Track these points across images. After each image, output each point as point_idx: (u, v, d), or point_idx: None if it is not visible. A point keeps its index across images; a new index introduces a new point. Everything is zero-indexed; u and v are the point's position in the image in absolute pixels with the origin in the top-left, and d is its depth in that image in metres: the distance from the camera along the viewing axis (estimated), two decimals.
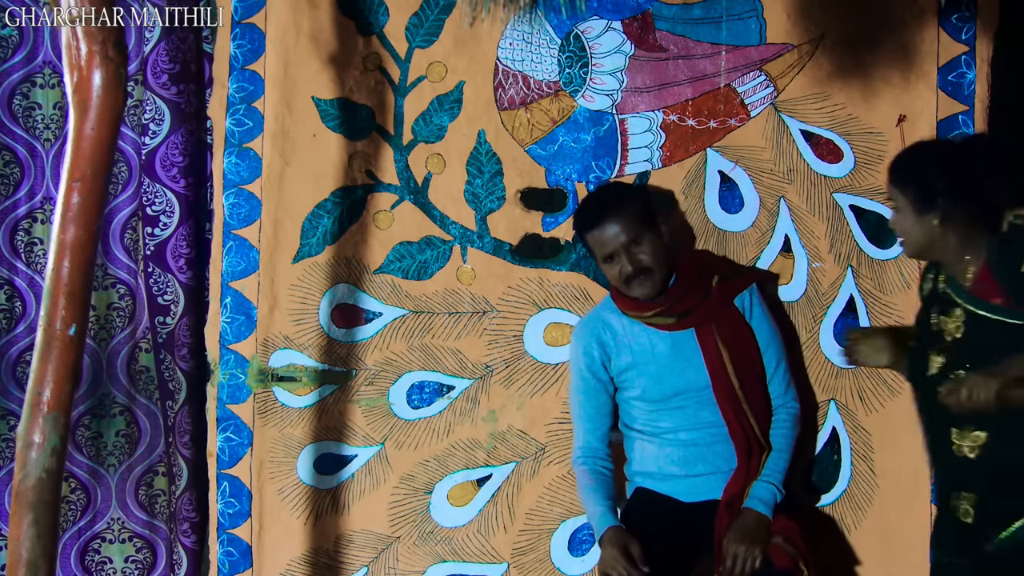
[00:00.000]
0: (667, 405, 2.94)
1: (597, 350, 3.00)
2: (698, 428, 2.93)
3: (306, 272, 3.24)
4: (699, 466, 2.94)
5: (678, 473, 2.96)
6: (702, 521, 2.89)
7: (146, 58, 3.34)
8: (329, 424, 3.27)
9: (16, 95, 3.45)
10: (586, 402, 3.02)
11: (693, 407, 2.93)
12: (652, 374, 2.94)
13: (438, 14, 3.20)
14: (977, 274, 2.64)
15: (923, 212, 2.62)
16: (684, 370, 2.92)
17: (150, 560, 3.56)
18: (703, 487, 2.94)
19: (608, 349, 2.99)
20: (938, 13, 3.08)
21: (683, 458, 2.95)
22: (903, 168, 2.68)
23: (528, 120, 3.21)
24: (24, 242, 3.50)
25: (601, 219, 2.88)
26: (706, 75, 3.16)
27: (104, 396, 3.51)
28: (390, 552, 3.29)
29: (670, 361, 2.93)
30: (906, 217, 2.66)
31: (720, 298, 2.95)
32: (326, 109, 3.22)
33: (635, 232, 2.87)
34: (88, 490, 3.53)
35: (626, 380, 2.99)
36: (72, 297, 2.29)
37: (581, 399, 3.03)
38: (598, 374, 3.00)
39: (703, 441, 2.93)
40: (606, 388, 3.02)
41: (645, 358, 2.95)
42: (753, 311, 2.98)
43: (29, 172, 3.48)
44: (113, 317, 3.50)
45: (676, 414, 2.94)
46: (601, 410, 3.02)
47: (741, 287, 2.98)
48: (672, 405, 2.94)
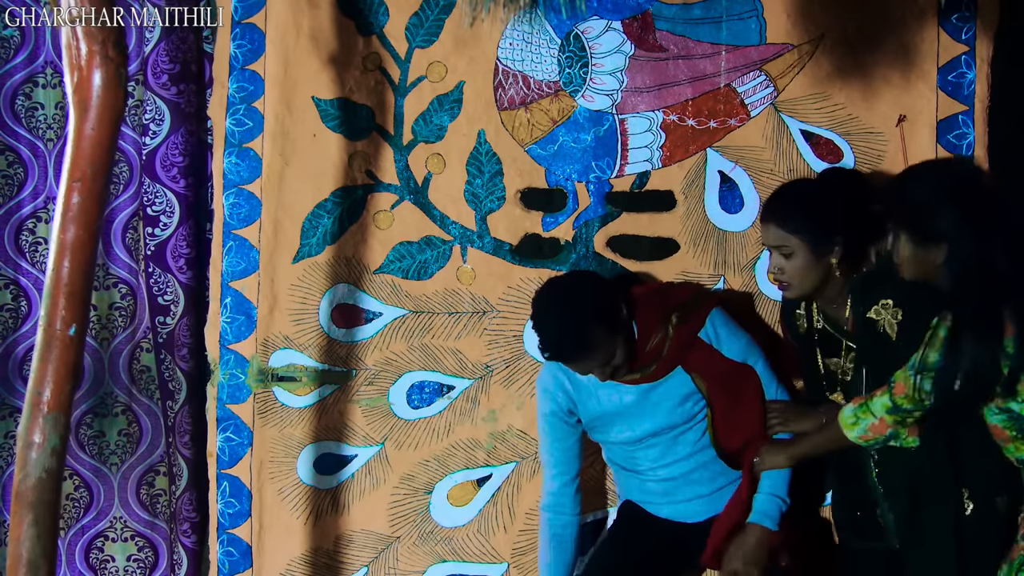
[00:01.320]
0: (641, 445, 2.95)
1: (563, 397, 2.98)
2: (675, 462, 2.94)
3: (306, 272, 3.25)
4: (680, 494, 2.96)
5: (661, 501, 2.99)
6: (687, 539, 2.94)
7: (146, 58, 3.34)
8: (329, 424, 3.27)
9: (19, 95, 3.46)
10: (554, 446, 3.01)
11: (667, 444, 2.93)
12: (622, 423, 2.94)
13: (438, 14, 3.20)
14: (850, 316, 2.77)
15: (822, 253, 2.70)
16: (653, 415, 2.91)
17: (152, 560, 3.56)
18: (687, 511, 2.97)
19: (573, 398, 2.97)
20: (938, 13, 3.07)
21: (664, 490, 2.97)
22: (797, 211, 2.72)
23: (528, 120, 3.21)
24: (29, 242, 3.51)
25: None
26: (706, 75, 3.16)
27: (106, 395, 3.51)
28: (390, 552, 3.29)
29: (639, 409, 2.92)
30: (799, 260, 2.72)
31: (680, 344, 2.88)
32: (326, 109, 3.22)
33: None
34: (91, 488, 3.54)
35: (596, 428, 2.99)
36: (72, 297, 2.29)
37: (549, 443, 3.01)
38: (565, 418, 2.99)
39: (680, 473, 2.94)
40: (574, 431, 3.00)
41: (613, 408, 2.93)
42: (720, 337, 2.91)
43: (32, 172, 3.49)
44: (115, 317, 3.50)
45: (651, 451, 2.94)
46: (569, 453, 3.01)
47: (699, 323, 2.90)
48: (646, 444, 2.94)
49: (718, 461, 2.92)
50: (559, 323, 2.77)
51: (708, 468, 2.93)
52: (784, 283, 2.79)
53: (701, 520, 2.94)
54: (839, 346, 2.82)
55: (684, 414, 2.89)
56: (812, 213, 2.73)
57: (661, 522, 2.98)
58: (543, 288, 2.88)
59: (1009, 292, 2.45)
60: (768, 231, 2.78)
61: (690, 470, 2.93)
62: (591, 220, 3.21)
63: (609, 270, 3.19)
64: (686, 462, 2.93)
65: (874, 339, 2.71)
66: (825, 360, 2.86)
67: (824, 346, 2.86)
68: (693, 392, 2.89)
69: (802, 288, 2.78)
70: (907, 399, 2.56)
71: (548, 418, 3.00)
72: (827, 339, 2.85)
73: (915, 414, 2.59)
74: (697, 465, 2.93)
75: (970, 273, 2.46)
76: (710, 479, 2.93)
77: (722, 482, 2.93)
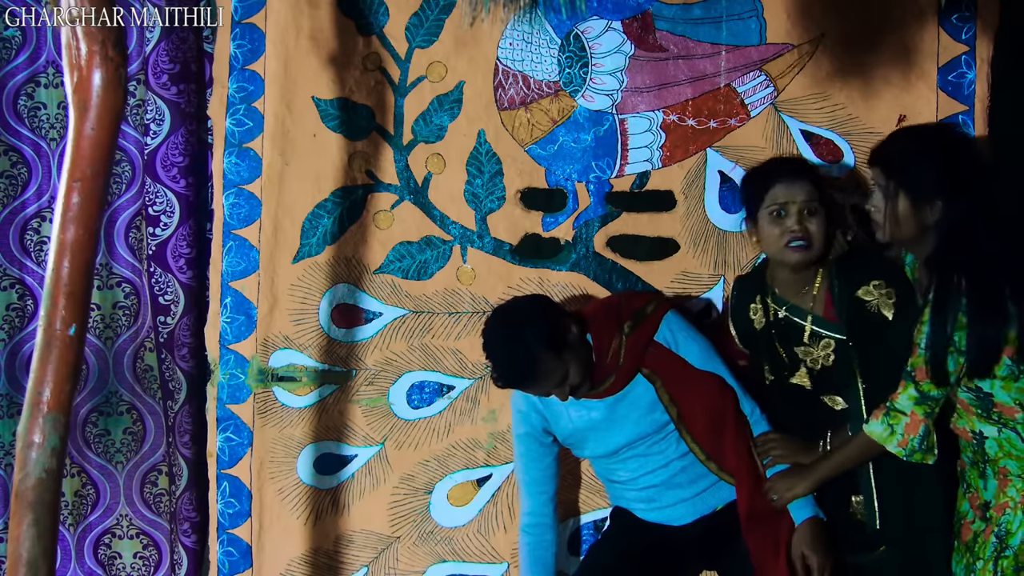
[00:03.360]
0: (617, 457, 2.96)
1: (536, 417, 2.99)
2: (654, 471, 2.94)
3: (306, 272, 3.25)
4: (663, 499, 2.96)
5: (646, 508, 2.99)
6: (677, 542, 2.95)
7: (146, 58, 3.34)
8: (329, 424, 3.27)
9: (21, 95, 3.46)
10: (530, 466, 3.02)
11: (642, 455, 2.94)
12: (595, 438, 2.95)
13: (438, 14, 3.20)
14: (827, 301, 2.79)
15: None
16: (623, 427, 2.91)
17: (157, 558, 3.57)
18: (672, 515, 2.97)
19: (546, 416, 2.99)
20: (938, 13, 3.07)
21: (647, 497, 2.98)
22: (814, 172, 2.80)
23: (528, 120, 3.21)
24: (34, 241, 3.52)
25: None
26: (706, 75, 3.16)
27: (111, 394, 3.53)
28: (390, 552, 3.29)
29: (608, 423, 2.92)
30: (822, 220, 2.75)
31: (634, 351, 2.89)
32: (326, 109, 3.22)
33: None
34: (98, 486, 3.56)
35: (573, 445, 3.01)
36: (72, 297, 2.29)
37: (525, 463, 3.03)
38: (540, 439, 3.00)
39: (661, 480, 2.95)
40: (550, 450, 3.02)
41: (584, 425, 2.94)
42: (677, 340, 2.91)
43: (36, 172, 3.49)
44: (118, 316, 3.51)
45: (629, 463, 2.95)
46: (546, 472, 3.02)
47: (653, 328, 2.91)
48: (622, 456, 2.95)
49: (697, 464, 2.92)
50: (507, 351, 2.80)
51: (688, 472, 2.93)
52: (803, 242, 2.77)
53: (688, 522, 2.95)
54: (801, 333, 2.83)
55: (654, 423, 2.90)
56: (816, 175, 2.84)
57: (651, 526, 2.99)
58: (490, 318, 2.89)
59: (998, 264, 2.46)
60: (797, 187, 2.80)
61: (670, 476, 2.93)
62: (591, 220, 3.21)
63: (609, 270, 3.20)
64: (664, 470, 2.93)
65: (865, 319, 2.72)
66: (787, 349, 2.86)
67: (785, 336, 2.86)
68: (657, 399, 2.89)
69: (817, 250, 2.78)
70: (931, 384, 2.53)
71: (524, 439, 3.01)
72: (789, 328, 2.85)
73: (940, 401, 2.56)
74: (676, 471, 2.93)
75: (959, 234, 2.48)
76: (691, 482, 2.94)
77: (704, 484, 2.94)
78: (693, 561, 3.02)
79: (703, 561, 3.04)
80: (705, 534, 2.94)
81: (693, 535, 2.95)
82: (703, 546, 2.96)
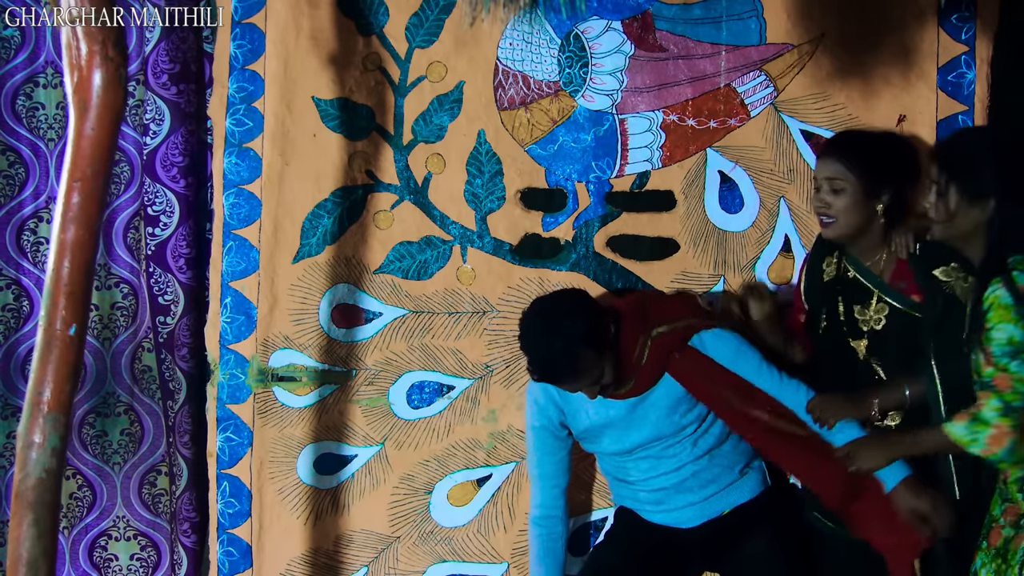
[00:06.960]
0: (631, 456, 2.95)
1: (553, 410, 2.97)
2: (666, 473, 2.93)
3: (306, 272, 3.25)
4: (672, 502, 2.96)
5: (653, 509, 2.99)
6: (681, 543, 2.95)
7: (146, 58, 3.34)
8: (329, 424, 3.27)
9: (19, 95, 3.46)
10: (544, 459, 3.01)
11: (656, 457, 2.93)
12: (611, 435, 2.93)
13: (438, 14, 3.20)
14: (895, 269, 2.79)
15: (871, 196, 2.75)
16: (641, 427, 2.90)
17: (155, 559, 3.56)
18: (679, 518, 2.97)
19: (564, 410, 2.97)
20: (938, 13, 3.07)
21: (656, 499, 2.97)
22: (859, 150, 2.79)
23: (528, 120, 3.21)
24: (31, 242, 3.51)
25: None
26: (706, 75, 3.16)
27: (108, 395, 3.52)
28: (390, 552, 3.29)
29: (626, 422, 2.91)
30: (848, 197, 2.77)
31: (657, 356, 2.85)
32: (326, 109, 3.22)
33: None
34: (94, 488, 3.55)
35: (586, 440, 2.99)
36: (72, 297, 2.29)
37: (539, 456, 3.01)
38: (556, 432, 2.99)
39: (671, 484, 2.94)
40: (564, 444, 3.01)
41: (602, 422, 2.92)
42: (705, 343, 2.87)
43: (34, 172, 3.49)
44: (116, 316, 3.50)
45: (642, 464, 2.94)
46: (559, 466, 3.01)
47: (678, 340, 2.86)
48: (637, 456, 2.94)
49: (709, 469, 2.92)
50: (548, 346, 2.75)
51: (698, 477, 2.93)
52: (829, 217, 2.80)
53: (694, 525, 2.95)
54: (869, 295, 2.83)
55: (673, 425, 2.89)
56: (871, 156, 2.80)
57: (656, 527, 2.99)
58: (530, 310, 2.86)
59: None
60: (826, 164, 2.81)
61: (681, 480, 2.93)
62: (591, 220, 3.21)
63: (609, 270, 3.20)
64: (676, 473, 2.93)
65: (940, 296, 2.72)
66: (850, 307, 2.86)
67: (849, 295, 2.85)
68: (682, 401, 2.87)
69: (844, 226, 2.80)
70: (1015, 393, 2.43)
71: (539, 432, 3.00)
72: (855, 288, 2.84)
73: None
74: (688, 475, 2.93)
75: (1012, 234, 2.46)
76: (701, 487, 2.93)
77: (714, 489, 2.94)
78: (697, 563, 3.02)
79: (707, 563, 3.04)
80: (710, 536, 2.94)
81: (698, 537, 2.95)
82: (707, 548, 2.96)
